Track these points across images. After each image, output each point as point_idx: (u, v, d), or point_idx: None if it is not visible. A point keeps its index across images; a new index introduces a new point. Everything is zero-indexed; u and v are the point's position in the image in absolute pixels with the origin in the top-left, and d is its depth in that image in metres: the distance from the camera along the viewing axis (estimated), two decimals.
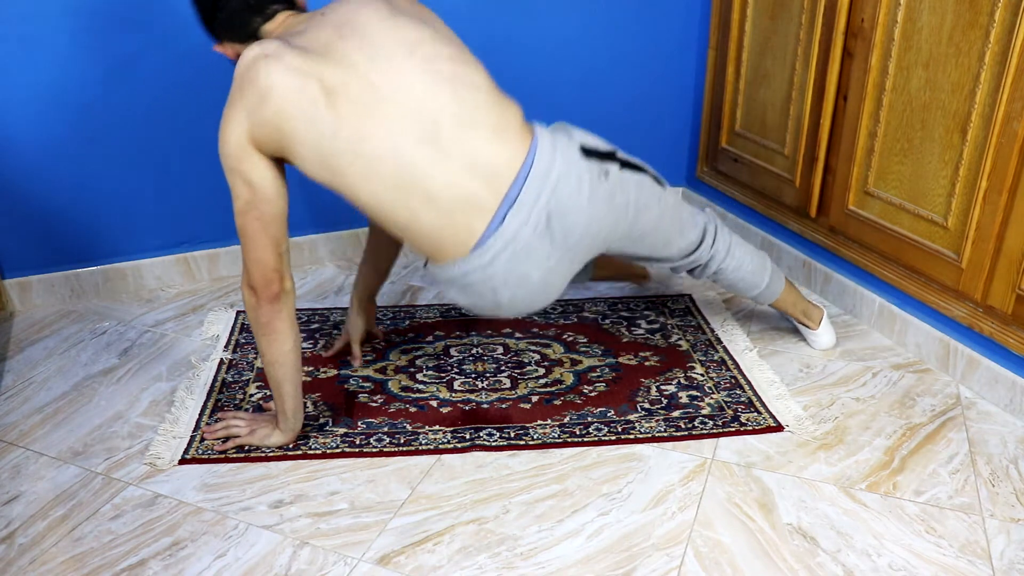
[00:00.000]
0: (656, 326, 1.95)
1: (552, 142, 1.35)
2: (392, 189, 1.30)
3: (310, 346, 1.87)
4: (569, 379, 1.74)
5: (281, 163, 1.35)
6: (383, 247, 1.75)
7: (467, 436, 1.56)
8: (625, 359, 1.82)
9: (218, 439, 1.54)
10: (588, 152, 1.37)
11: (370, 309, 1.82)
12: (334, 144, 1.28)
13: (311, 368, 1.78)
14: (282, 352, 1.41)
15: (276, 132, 1.29)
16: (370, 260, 1.77)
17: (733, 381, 1.74)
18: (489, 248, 1.32)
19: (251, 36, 1.41)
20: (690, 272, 1.70)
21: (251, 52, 1.29)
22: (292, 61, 1.27)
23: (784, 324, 1.96)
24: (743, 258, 1.69)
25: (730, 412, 1.63)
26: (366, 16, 1.33)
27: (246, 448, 1.52)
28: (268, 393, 1.69)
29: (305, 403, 1.65)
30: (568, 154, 1.35)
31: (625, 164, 1.43)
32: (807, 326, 1.84)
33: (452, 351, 1.85)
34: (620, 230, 1.44)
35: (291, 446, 1.53)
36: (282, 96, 1.27)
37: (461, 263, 1.35)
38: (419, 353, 1.84)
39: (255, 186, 1.32)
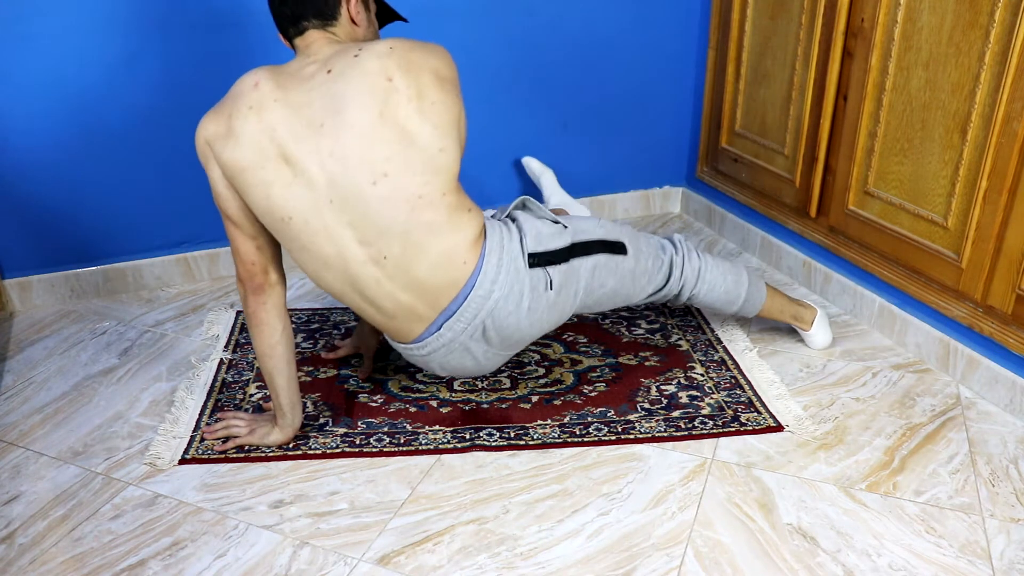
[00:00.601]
0: (656, 326, 1.95)
1: (499, 260, 1.39)
2: (337, 283, 1.41)
3: (310, 346, 1.87)
4: (569, 379, 1.74)
5: None
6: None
7: (467, 436, 1.56)
8: (625, 359, 1.82)
9: (218, 439, 1.54)
10: (537, 260, 1.42)
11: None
12: (285, 228, 1.35)
13: (311, 368, 1.78)
14: (269, 344, 1.44)
15: (228, 175, 1.34)
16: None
17: (733, 381, 1.74)
18: (426, 345, 1.46)
19: (289, 39, 1.41)
20: (665, 303, 1.71)
21: (249, 80, 1.33)
22: (271, 121, 1.30)
23: (784, 324, 1.96)
24: (715, 280, 1.69)
25: (730, 412, 1.63)
26: (356, 113, 1.29)
27: (246, 448, 1.52)
28: (268, 393, 1.69)
29: (305, 403, 1.65)
30: (512, 272, 1.40)
31: (581, 250, 1.47)
32: (801, 328, 1.84)
33: None
34: (568, 314, 1.52)
35: (291, 446, 1.53)
36: (245, 155, 1.31)
37: (402, 346, 1.51)
38: None
39: (215, 186, 1.37)
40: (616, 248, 1.52)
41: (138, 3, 1.91)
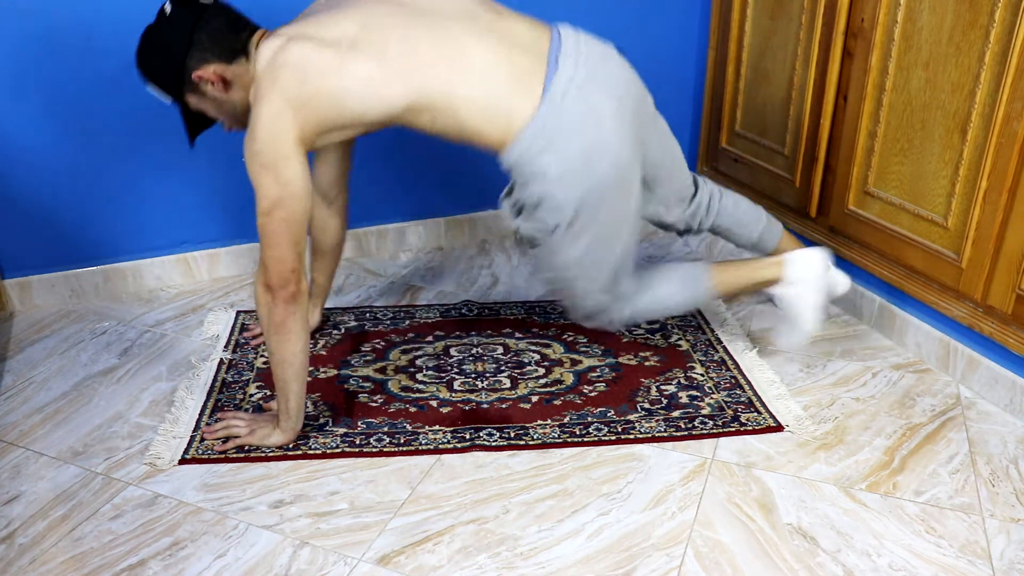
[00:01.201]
0: (656, 326, 1.95)
1: (574, 30, 1.48)
2: (455, 82, 1.37)
3: (310, 346, 1.87)
4: (569, 379, 1.74)
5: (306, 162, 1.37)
6: (323, 231, 1.77)
7: (467, 436, 1.56)
8: (625, 359, 1.82)
9: (218, 439, 1.54)
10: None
11: (318, 304, 1.89)
12: (385, 71, 1.34)
13: (311, 368, 1.78)
14: (292, 352, 1.41)
15: (325, 101, 1.32)
16: (318, 252, 1.81)
17: (733, 381, 1.74)
18: (555, 88, 1.38)
19: (239, 51, 1.38)
20: (697, 230, 1.77)
21: (269, 45, 1.33)
22: (315, 34, 1.32)
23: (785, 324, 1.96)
24: (737, 196, 1.79)
25: (730, 412, 1.63)
26: None
27: (246, 448, 1.52)
28: (268, 393, 1.69)
29: (305, 403, 1.65)
30: (591, 42, 1.48)
31: None
32: (819, 267, 1.69)
33: (452, 351, 1.85)
34: (652, 126, 1.57)
35: (291, 446, 1.53)
36: (321, 65, 1.30)
37: (536, 120, 1.38)
38: (419, 353, 1.84)
39: (287, 184, 1.32)
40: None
41: (139, 3, 1.91)
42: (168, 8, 1.37)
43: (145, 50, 1.39)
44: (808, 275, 1.66)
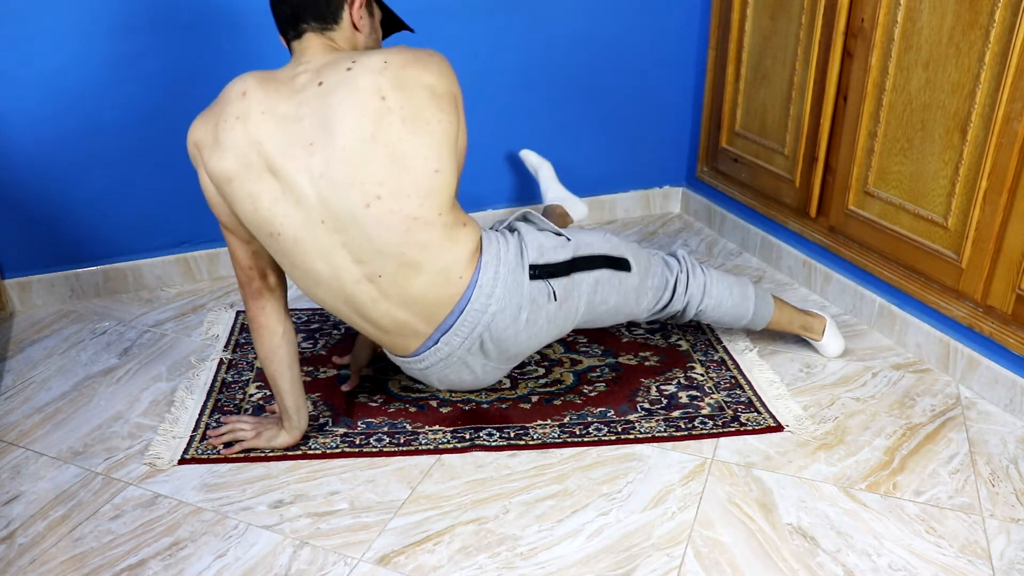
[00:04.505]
0: (656, 326, 1.95)
1: (495, 273, 1.38)
2: (329, 299, 1.39)
3: (310, 346, 1.87)
4: (569, 379, 1.74)
5: None
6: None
7: (467, 436, 1.56)
8: (625, 359, 1.82)
9: (223, 444, 1.53)
10: (538, 272, 1.41)
11: (374, 345, 1.78)
12: (274, 243, 1.32)
13: (311, 368, 1.78)
14: (270, 347, 1.43)
15: (217, 182, 1.31)
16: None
17: (733, 381, 1.74)
18: (424, 359, 1.46)
19: (288, 41, 1.37)
20: (670, 319, 1.69)
21: (237, 88, 1.29)
22: (258, 133, 1.26)
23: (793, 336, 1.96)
24: (721, 295, 1.67)
25: (730, 412, 1.63)
26: (347, 134, 1.25)
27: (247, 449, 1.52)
28: (268, 393, 1.69)
29: (306, 403, 1.65)
30: (510, 284, 1.38)
31: (583, 264, 1.45)
32: (812, 338, 1.82)
33: None
34: (568, 328, 1.51)
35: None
36: (232, 164, 1.28)
37: (400, 359, 1.50)
38: None
39: (205, 190, 1.35)
40: (620, 264, 1.50)
41: (138, 2, 1.91)
42: None
43: None
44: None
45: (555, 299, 1.42)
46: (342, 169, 1.26)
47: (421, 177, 1.29)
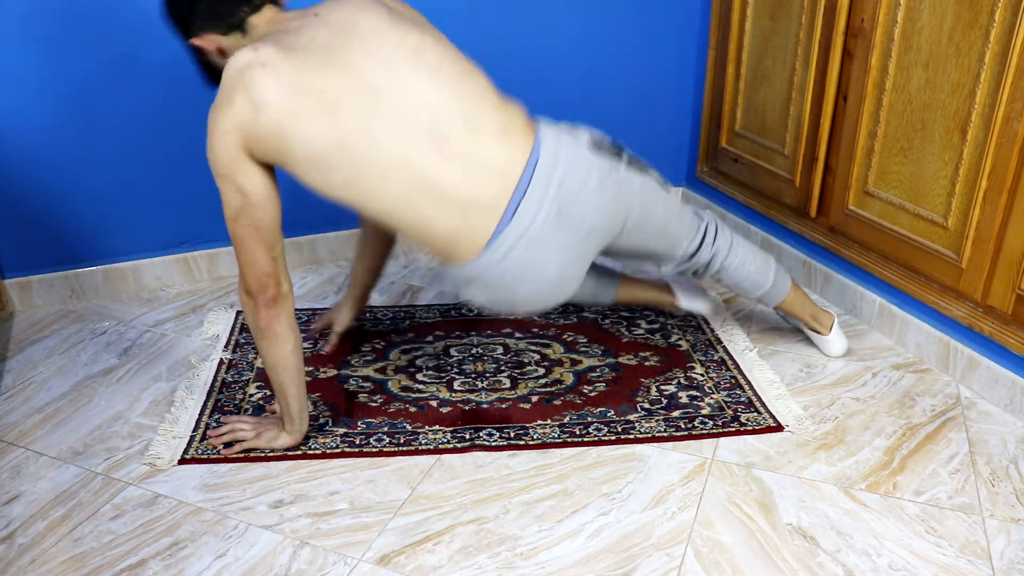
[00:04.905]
0: (656, 326, 1.95)
1: (556, 139, 1.37)
2: (402, 196, 1.31)
3: (310, 346, 1.87)
4: (569, 379, 1.74)
5: (272, 167, 1.32)
6: (375, 245, 1.75)
7: (467, 436, 1.56)
8: (625, 359, 1.82)
9: (223, 444, 1.53)
10: (597, 147, 1.41)
11: (359, 306, 1.84)
12: (339, 156, 1.27)
13: (311, 368, 1.78)
14: (282, 355, 1.40)
15: (272, 144, 1.26)
16: (363, 258, 1.78)
17: (733, 381, 1.74)
18: (502, 244, 1.34)
19: (236, 27, 1.34)
20: (693, 273, 1.70)
21: (243, 57, 1.25)
22: (287, 72, 1.24)
23: (785, 325, 1.96)
24: (745, 256, 1.69)
25: (730, 412, 1.63)
26: (366, 20, 1.31)
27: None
28: (268, 393, 1.69)
29: (308, 403, 1.65)
30: (574, 149, 1.38)
31: (632, 163, 1.46)
32: (817, 331, 1.82)
33: (452, 351, 1.85)
34: (630, 224, 1.47)
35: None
36: (278, 111, 1.24)
37: (476, 261, 1.36)
38: (419, 353, 1.84)
39: (247, 193, 1.29)
40: (661, 183, 1.53)
41: (139, 3, 1.91)
42: None
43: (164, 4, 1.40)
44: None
45: (619, 170, 1.42)
46: (380, 41, 1.30)
47: (452, 46, 1.38)
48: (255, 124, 1.25)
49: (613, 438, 1.55)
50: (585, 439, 1.55)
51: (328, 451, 1.52)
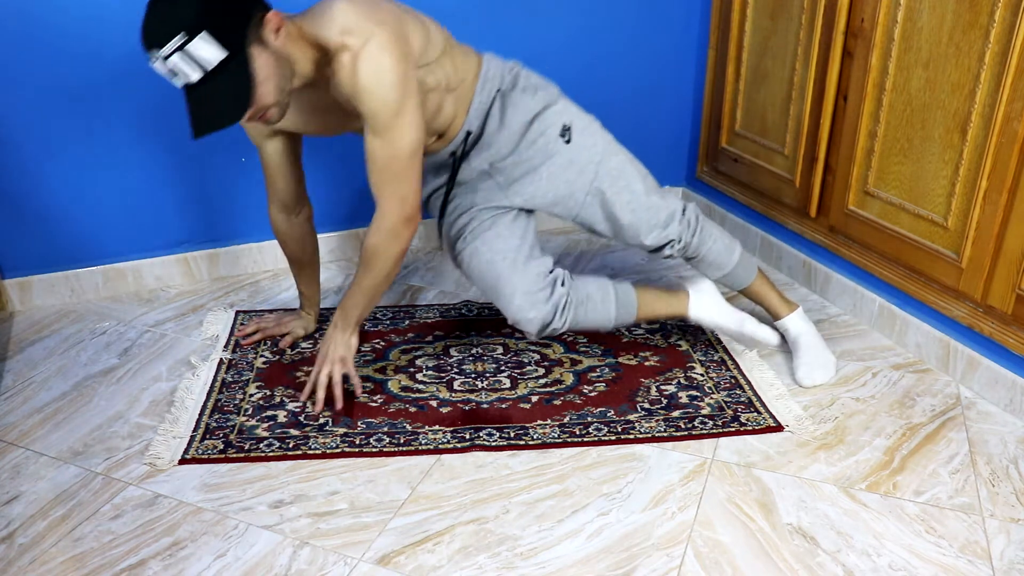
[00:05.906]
0: (656, 326, 1.95)
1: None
2: (474, 64, 1.60)
3: (310, 346, 1.87)
4: (569, 379, 1.74)
5: None
6: (297, 242, 1.82)
7: (467, 436, 1.56)
8: (625, 359, 1.82)
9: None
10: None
11: (312, 313, 1.93)
12: (441, 41, 1.51)
13: (311, 368, 1.78)
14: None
15: (422, 38, 1.44)
16: (301, 267, 1.86)
17: (733, 381, 1.74)
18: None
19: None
20: (663, 248, 1.70)
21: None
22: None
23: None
24: (713, 234, 1.75)
25: (730, 412, 1.63)
26: None
27: (247, 447, 1.52)
28: (268, 393, 1.69)
29: (305, 404, 1.65)
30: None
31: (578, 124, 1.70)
32: (778, 315, 1.81)
33: (452, 351, 1.85)
34: (594, 167, 1.65)
35: (291, 446, 1.53)
36: (406, 16, 1.43)
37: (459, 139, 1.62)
38: (419, 353, 1.84)
39: (419, 127, 1.42)
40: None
41: (138, 1, 1.91)
42: None
43: None
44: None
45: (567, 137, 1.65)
46: None
47: None
48: (409, 35, 1.41)
49: (613, 438, 1.55)
50: (585, 439, 1.55)
51: (328, 451, 1.52)
